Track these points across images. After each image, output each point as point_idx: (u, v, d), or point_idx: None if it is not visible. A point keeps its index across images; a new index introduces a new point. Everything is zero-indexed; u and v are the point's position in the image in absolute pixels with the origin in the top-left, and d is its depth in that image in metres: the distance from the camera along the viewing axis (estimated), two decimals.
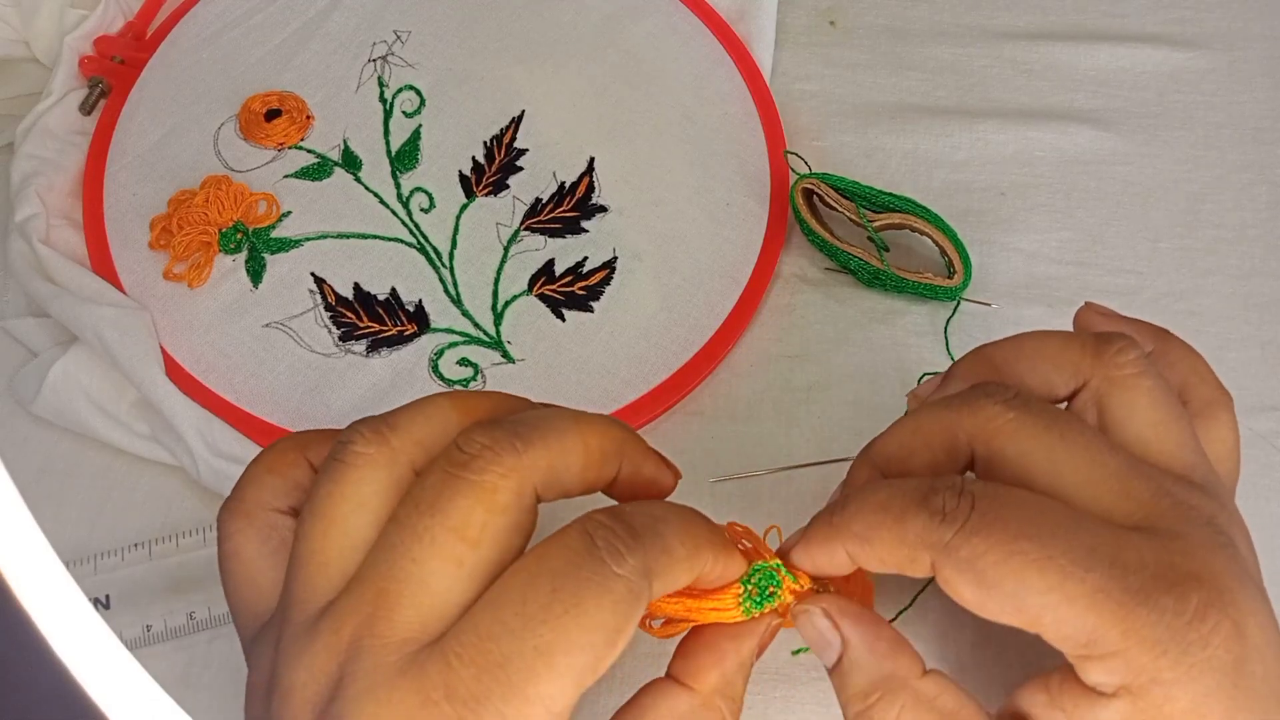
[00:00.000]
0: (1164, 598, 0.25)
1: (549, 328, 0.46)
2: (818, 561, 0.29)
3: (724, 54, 0.53)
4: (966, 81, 0.54)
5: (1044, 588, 0.25)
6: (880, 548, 0.27)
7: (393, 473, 0.27)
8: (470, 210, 0.49)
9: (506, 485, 0.26)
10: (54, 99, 0.50)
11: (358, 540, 0.26)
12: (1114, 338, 0.30)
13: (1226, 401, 0.32)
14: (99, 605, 0.39)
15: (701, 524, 0.28)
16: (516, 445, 0.26)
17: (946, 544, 0.26)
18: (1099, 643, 0.25)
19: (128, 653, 0.20)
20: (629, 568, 0.25)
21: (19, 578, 0.20)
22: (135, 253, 0.47)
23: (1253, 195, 0.50)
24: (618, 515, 0.26)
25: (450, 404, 0.29)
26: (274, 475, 0.30)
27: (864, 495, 0.28)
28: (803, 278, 0.48)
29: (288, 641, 0.26)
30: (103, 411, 0.43)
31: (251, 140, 0.50)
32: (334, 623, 0.25)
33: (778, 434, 0.44)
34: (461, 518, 0.25)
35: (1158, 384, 0.29)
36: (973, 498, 0.26)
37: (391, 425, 0.28)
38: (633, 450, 0.29)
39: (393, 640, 0.25)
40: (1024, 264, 0.48)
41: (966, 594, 0.26)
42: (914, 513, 0.27)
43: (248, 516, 0.29)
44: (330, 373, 0.45)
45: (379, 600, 0.25)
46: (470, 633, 0.24)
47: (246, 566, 0.29)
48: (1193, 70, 0.53)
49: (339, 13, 0.54)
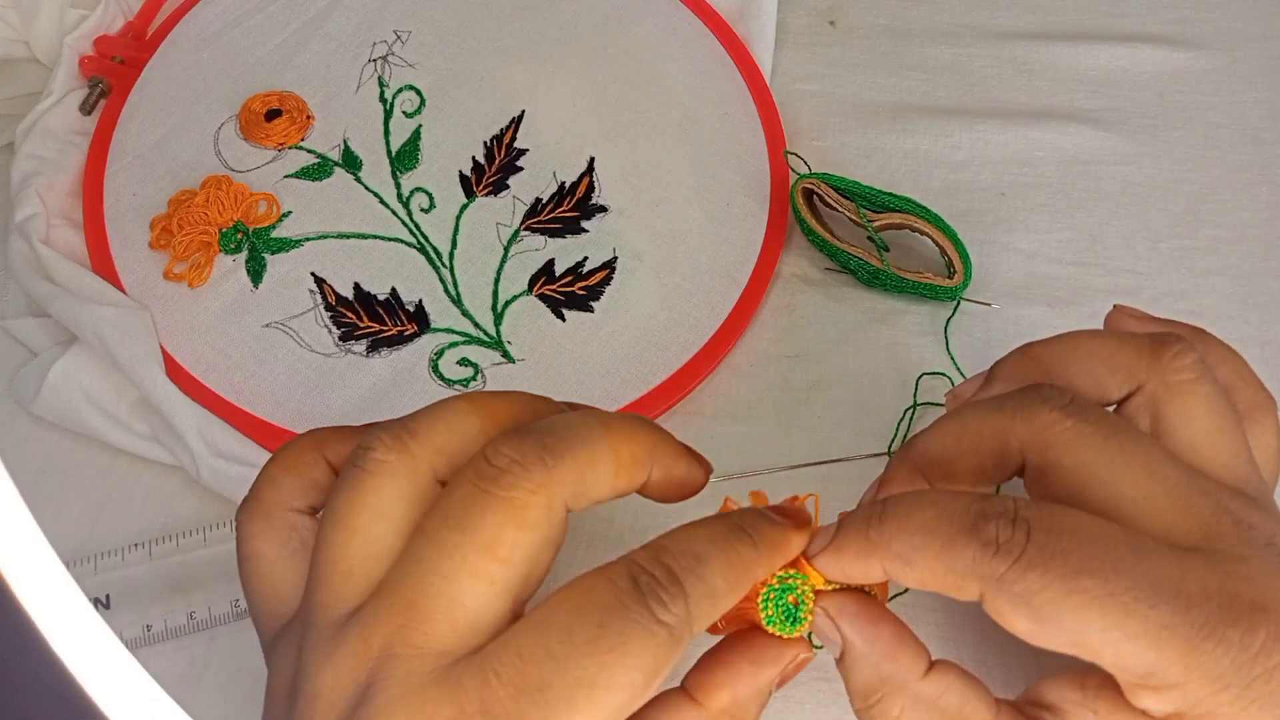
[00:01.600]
0: (1230, 631, 0.24)
1: (549, 328, 0.46)
2: (849, 572, 0.28)
3: (724, 54, 0.53)
4: (966, 81, 0.54)
5: (1105, 625, 0.24)
6: (924, 572, 0.26)
7: (414, 481, 0.27)
8: (470, 210, 0.49)
9: (536, 501, 0.25)
10: (54, 99, 0.50)
11: (380, 549, 0.26)
12: (1170, 340, 0.29)
13: (1270, 405, 0.31)
14: (99, 605, 0.39)
15: (744, 545, 0.27)
16: (546, 460, 0.26)
17: (1000, 578, 0.25)
18: (1159, 675, 0.24)
19: (128, 653, 0.20)
20: (672, 616, 0.25)
21: (19, 578, 0.20)
22: (135, 253, 0.47)
23: (1253, 195, 0.50)
24: (659, 558, 0.26)
25: (471, 408, 0.28)
26: (292, 475, 0.30)
27: (907, 513, 0.27)
28: (803, 278, 0.48)
29: (312, 646, 0.26)
30: (103, 411, 0.43)
31: (252, 140, 0.50)
32: (362, 630, 0.25)
33: (778, 434, 0.44)
34: (492, 535, 0.25)
35: (1215, 390, 0.28)
36: (1028, 526, 0.25)
37: (412, 432, 0.27)
38: (664, 452, 0.29)
39: (428, 651, 0.24)
40: (1024, 264, 0.48)
41: (1020, 626, 0.25)
42: (964, 541, 0.25)
43: (267, 517, 0.29)
44: (330, 373, 0.45)
45: (410, 613, 0.25)
46: (512, 653, 0.24)
47: (267, 568, 0.29)
48: (1193, 70, 0.53)
49: (339, 13, 0.54)
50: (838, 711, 0.38)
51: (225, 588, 0.40)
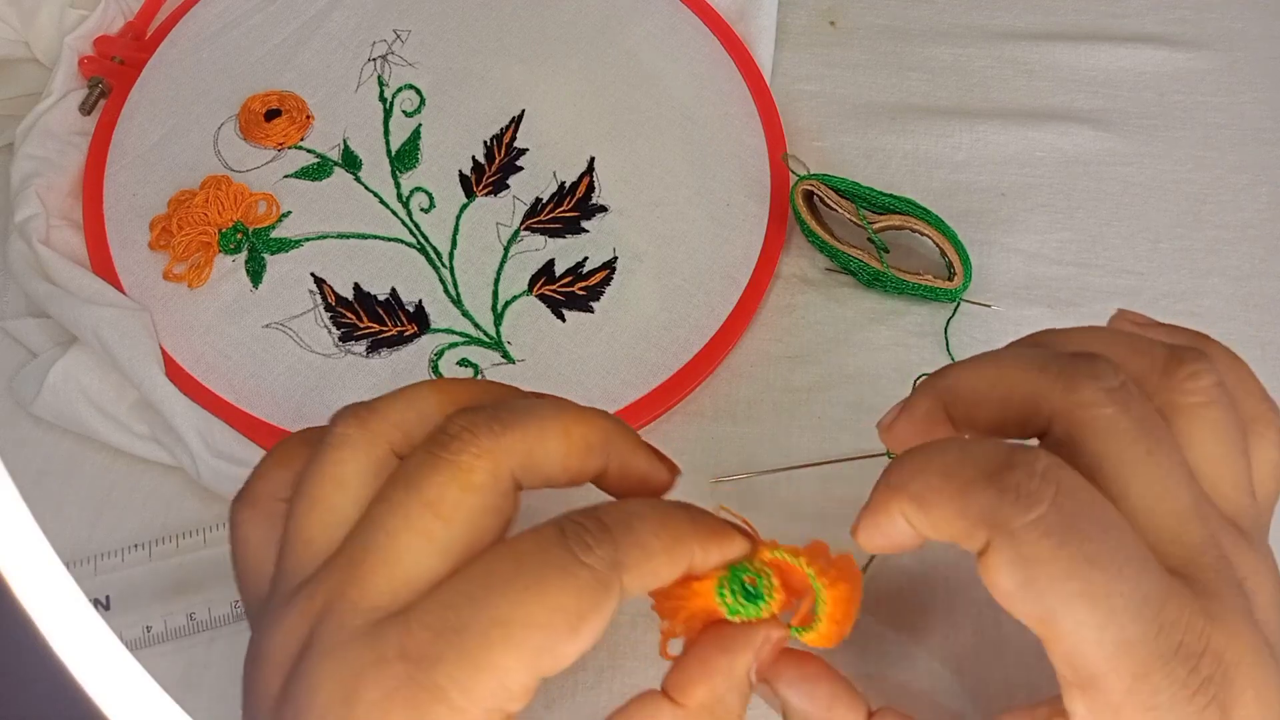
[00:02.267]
0: (1179, 668, 0.23)
1: (549, 328, 0.46)
2: (884, 530, 0.27)
3: (724, 54, 0.53)
4: (967, 82, 0.54)
5: (1084, 620, 0.23)
6: (938, 515, 0.25)
7: (371, 453, 0.28)
8: (470, 210, 0.49)
9: (481, 465, 0.26)
10: (54, 99, 0.50)
11: (340, 518, 0.27)
12: (1189, 358, 0.28)
13: (1274, 418, 0.30)
14: (99, 606, 0.39)
15: (683, 516, 0.27)
16: (494, 428, 0.27)
17: (1012, 531, 0.24)
18: (1099, 687, 0.24)
19: (128, 653, 0.20)
20: (595, 558, 0.25)
21: (19, 578, 0.20)
22: (135, 253, 0.47)
23: (1253, 195, 0.50)
24: (590, 510, 0.27)
25: (432, 390, 0.29)
26: (281, 468, 0.31)
27: (929, 455, 0.26)
28: (803, 279, 0.48)
29: (269, 612, 0.27)
30: (102, 412, 0.43)
31: (251, 140, 0.50)
32: (310, 589, 0.26)
33: (778, 434, 0.44)
34: (435, 493, 0.26)
35: (1225, 416, 0.27)
36: (1056, 487, 0.24)
37: (372, 409, 0.29)
38: (621, 443, 0.29)
39: (362, 606, 0.25)
40: (1024, 265, 0.48)
41: (1004, 584, 0.24)
42: (983, 485, 0.24)
43: (254, 506, 0.30)
44: (330, 373, 0.45)
45: (351, 569, 0.26)
46: (434, 601, 0.25)
47: (252, 551, 0.30)
48: (1193, 71, 0.53)
49: (339, 12, 0.54)
50: None
51: (225, 589, 0.40)
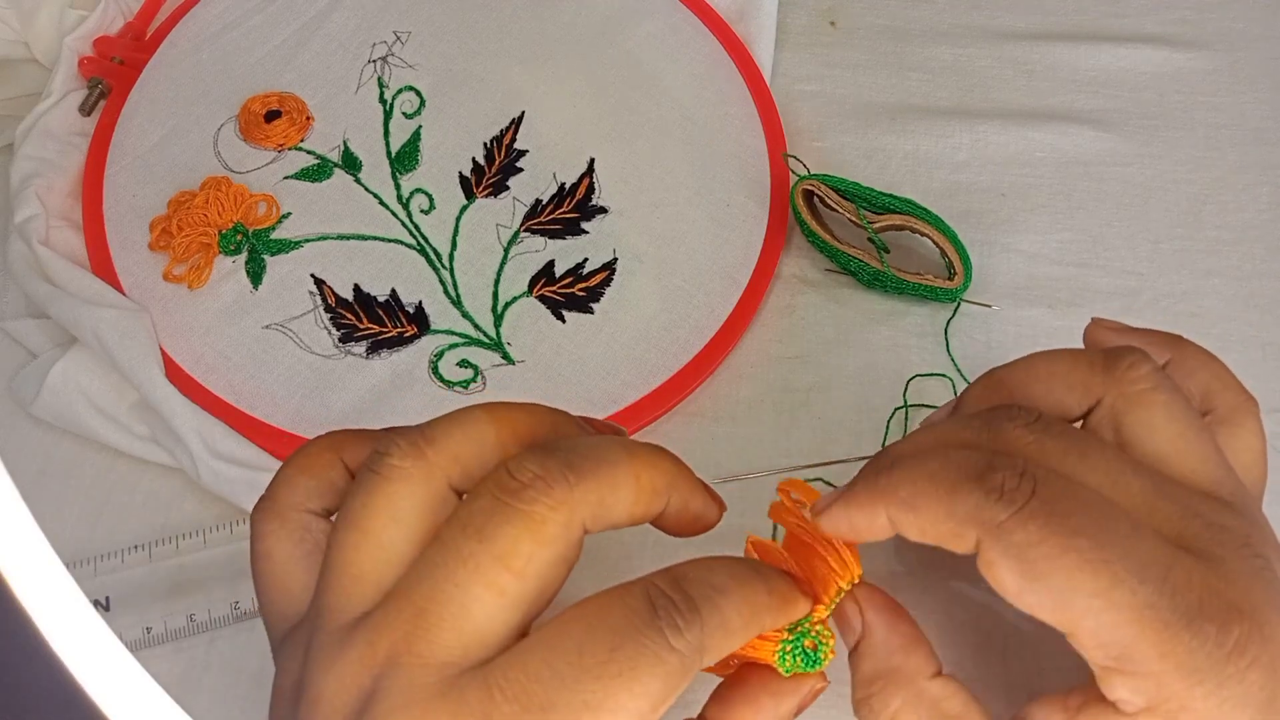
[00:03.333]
0: (1208, 625, 0.24)
1: (549, 329, 0.46)
2: (856, 522, 0.28)
3: (724, 54, 0.53)
4: (967, 82, 0.54)
5: (1093, 591, 0.24)
6: (926, 518, 0.26)
7: (429, 488, 0.27)
8: (470, 211, 0.49)
9: (556, 518, 0.25)
10: (54, 100, 0.50)
11: (392, 555, 0.26)
12: (1124, 353, 0.29)
13: (1252, 407, 0.31)
14: (99, 607, 0.39)
15: (761, 588, 0.27)
16: (569, 477, 0.26)
17: (999, 524, 0.25)
18: (1133, 659, 0.24)
19: (128, 654, 0.20)
20: (685, 643, 0.25)
21: (19, 579, 0.20)
22: (135, 254, 0.47)
23: (1254, 196, 0.50)
24: (678, 584, 0.26)
25: (488, 418, 0.28)
26: (307, 476, 0.30)
27: (917, 459, 0.27)
28: (803, 279, 0.48)
29: (318, 649, 0.26)
30: (102, 413, 0.43)
31: (251, 141, 0.50)
32: (369, 635, 0.25)
33: (778, 435, 0.44)
34: (508, 546, 0.25)
35: (1174, 397, 0.28)
36: (1035, 481, 0.25)
37: (429, 439, 0.27)
38: (683, 484, 0.29)
39: (432, 661, 0.24)
40: (1024, 265, 0.48)
41: (1008, 581, 0.25)
42: (969, 487, 0.26)
43: (280, 518, 0.29)
44: (330, 374, 0.45)
45: (418, 620, 0.25)
46: (518, 669, 0.24)
47: (278, 568, 0.29)
48: (1194, 71, 0.53)
49: (339, 13, 0.54)
50: (837, 714, 0.38)
51: (225, 590, 0.40)
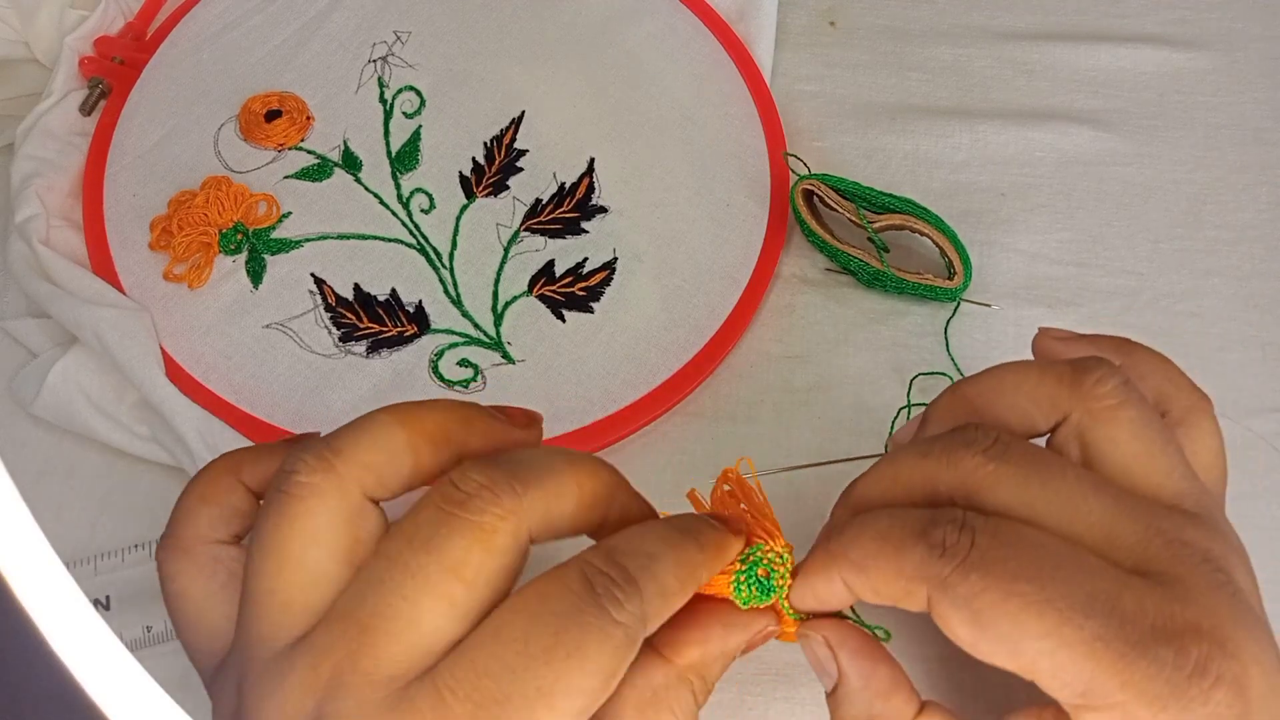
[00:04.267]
0: (1164, 650, 0.24)
1: (549, 329, 0.46)
2: (818, 592, 0.28)
3: (724, 54, 0.53)
4: (967, 82, 0.54)
5: (1040, 632, 0.24)
6: (876, 578, 0.27)
7: (343, 501, 0.26)
8: (470, 211, 0.49)
9: (505, 527, 0.25)
10: (54, 100, 0.50)
11: (318, 575, 0.26)
12: (1091, 367, 0.29)
13: (1206, 406, 0.31)
14: (99, 606, 0.39)
15: (692, 545, 0.27)
16: (515, 487, 0.26)
17: (944, 579, 0.25)
18: (1096, 693, 0.24)
19: (128, 653, 0.20)
20: (627, 614, 0.25)
21: (19, 578, 0.20)
22: (135, 254, 0.47)
23: (1254, 196, 0.50)
24: (612, 558, 0.26)
25: (395, 420, 0.28)
26: (208, 505, 0.29)
27: (864, 522, 0.28)
28: (803, 279, 0.48)
29: (254, 681, 0.25)
30: (103, 413, 0.43)
31: (251, 141, 0.50)
32: (310, 658, 0.25)
33: (778, 435, 0.44)
34: (458, 557, 0.25)
35: (1140, 412, 0.28)
36: (974, 532, 0.26)
37: (335, 450, 0.27)
38: (622, 494, 0.29)
39: (378, 676, 0.24)
40: (1024, 265, 0.48)
41: (961, 633, 0.25)
42: (913, 544, 0.26)
43: (188, 554, 0.29)
44: (330, 374, 0.45)
45: (363, 637, 0.24)
46: (466, 668, 0.24)
47: (194, 606, 0.28)
48: (1193, 71, 0.53)
49: (339, 13, 0.54)
50: None
51: None
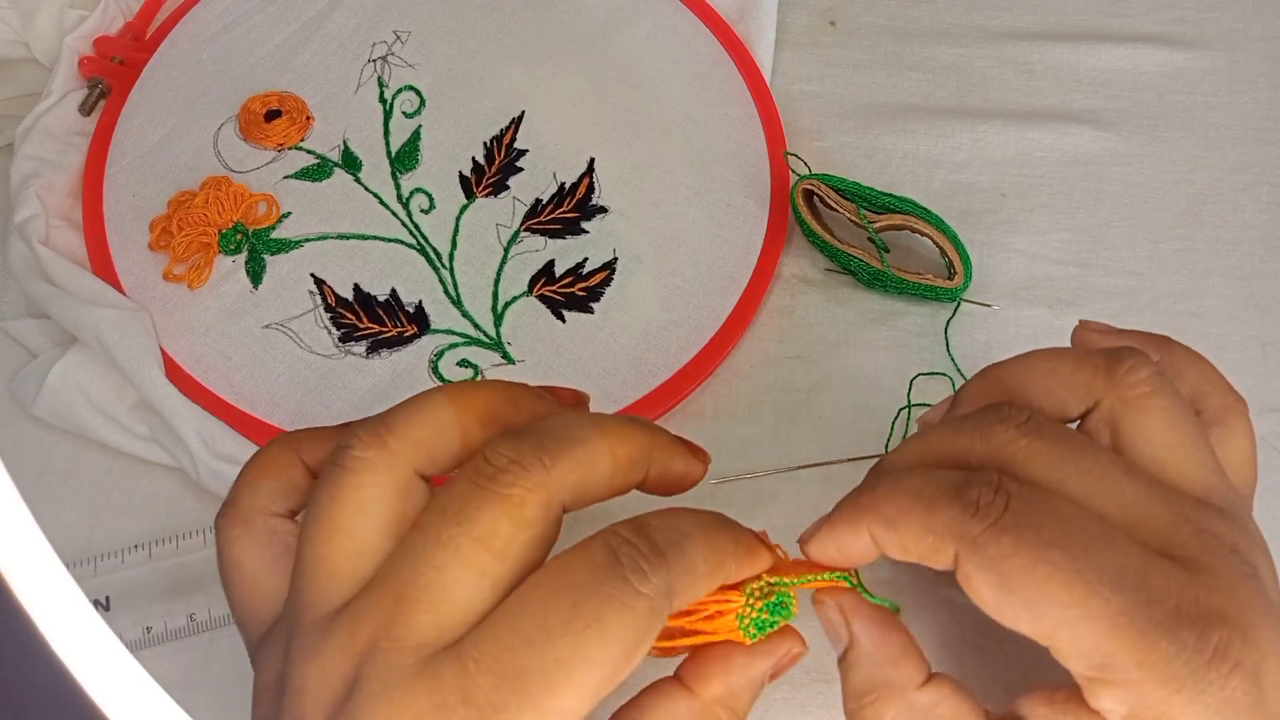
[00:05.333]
0: (1186, 632, 0.24)
1: (549, 329, 0.46)
2: (841, 542, 0.28)
3: (724, 54, 0.53)
4: (967, 82, 0.54)
5: (1067, 601, 0.24)
6: (906, 534, 0.27)
7: (394, 476, 0.27)
8: (470, 211, 0.49)
9: (534, 499, 0.26)
10: (53, 100, 0.50)
11: (364, 546, 0.26)
12: (1125, 355, 0.29)
13: (1241, 408, 0.31)
14: (99, 607, 0.39)
15: (725, 534, 0.28)
16: (544, 460, 0.26)
17: (975, 538, 0.25)
18: (1113, 668, 0.24)
19: (128, 654, 0.20)
20: (651, 586, 0.25)
21: (19, 579, 0.20)
22: (135, 254, 0.47)
23: (1254, 196, 0.50)
24: (642, 530, 0.26)
25: (447, 400, 0.28)
26: (268, 479, 0.30)
27: (897, 478, 0.28)
28: (803, 279, 0.48)
29: (299, 644, 0.26)
30: (102, 413, 0.43)
31: (251, 141, 0.50)
32: (350, 624, 0.25)
33: (778, 435, 0.44)
34: (488, 528, 0.25)
35: (1173, 402, 0.28)
36: (1008, 496, 0.26)
37: (389, 427, 0.27)
38: (660, 450, 0.29)
39: (409, 644, 0.25)
40: (1024, 265, 0.48)
41: (986, 595, 0.26)
42: (947, 502, 0.26)
43: (246, 524, 0.29)
44: (330, 374, 0.45)
45: (398, 605, 0.25)
46: (489, 640, 0.24)
47: (249, 574, 0.29)
48: (1193, 71, 0.53)
49: (339, 13, 0.54)
50: (838, 715, 0.38)
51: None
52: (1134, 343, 0.32)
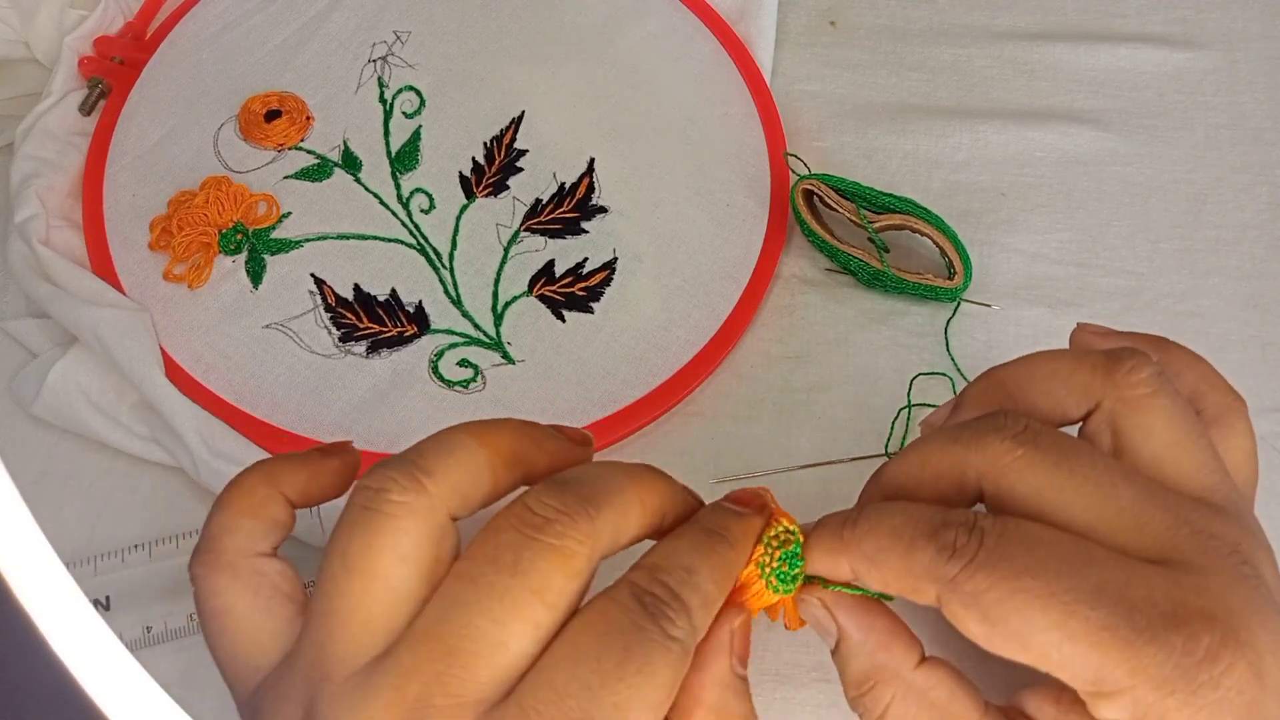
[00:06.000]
0: (1173, 636, 0.24)
1: (549, 329, 0.46)
2: (818, 567, 0.29)
3: (724, 54, 0.53)
4: (967, 82, 0.54)
5: (1047, 625, 0.25)
6: (887, 572, 0.27)
7: (431, 521, 0.27)
8: (470, 211, 0.49)
9: (583, 551, 0.26)
10: (54, 100, 0.50)
11: (402, 595, 0.26)
12: (1125, 356, 0.29)
13: (1240, 407, 0.31)
14: (99, 606, 0.39)
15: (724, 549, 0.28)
16: (590, 510, 0.27)
17: (952, 579, 0.26)
18: (1106, 680, 0.24)
19: (128, 653, 0.20)
20: (681, 630, 0.26)
21: (19, 578, 0.20)
22: (135, 254, 0.47)
23: (1253, 196, 0.50)
24: (656, 577, 0.27)
25: (477, 443, 0.28)
26: (248, 518, 0.29)
27: (879, 516, 0.28)
28: (803, 279, 0.48)
29: (332, 701, 0.25)
30: (102, 413, 0.43)
31: (251, 141, 0.50)
32: (395, 680, 0.25)
33: (778, 435, 0.44)
34: (542, 580, 0.25)
35: (1173, 402, 0.28)
36: (982, 534, 0.26)
37: (427, 471, 0.27)
38: (675, 499, 0.30)
39: (466, 700, 0.24)
40: (1024, 265, 0.48)
41: (973, 629, 0.26)
42: (923, 544, 0.26)
43: (232, 570, 0.28)
44: (330, 374, 0.45)
45: (450, 658, 0.25)
46: (546, 688, 0.25)
47: (242, 623, 0.28)
48: (1193, 71, 0.53)
49: (339, 13, 0.54)
50: (838, 715, 0.38)
51: None
52: (1131, 343, 0.32)
